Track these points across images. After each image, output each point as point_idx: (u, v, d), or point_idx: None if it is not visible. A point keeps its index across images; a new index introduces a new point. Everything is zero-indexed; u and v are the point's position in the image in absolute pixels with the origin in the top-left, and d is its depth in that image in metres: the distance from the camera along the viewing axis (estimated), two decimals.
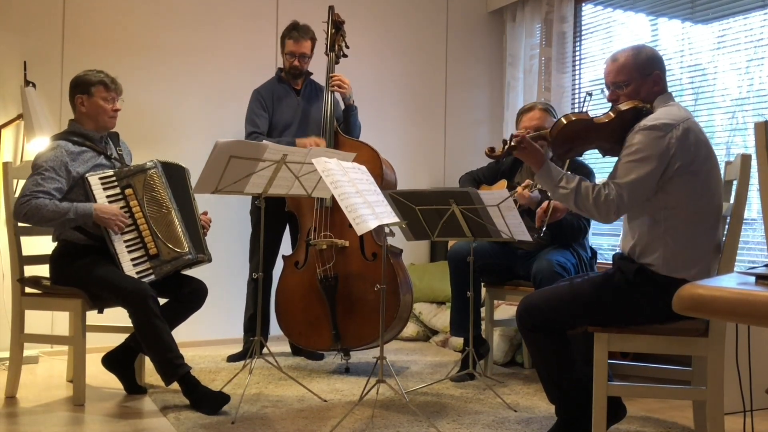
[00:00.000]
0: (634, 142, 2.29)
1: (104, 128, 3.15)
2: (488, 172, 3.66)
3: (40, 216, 2.89)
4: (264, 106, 3.87)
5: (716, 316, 0.98)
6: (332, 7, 3.87)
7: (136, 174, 3.07)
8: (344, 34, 3.88)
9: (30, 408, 2.98)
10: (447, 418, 2.85)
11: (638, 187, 2.27)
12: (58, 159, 2.96)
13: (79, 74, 3.14)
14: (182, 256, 3.06)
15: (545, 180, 2.43)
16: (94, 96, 3.09)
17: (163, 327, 2.89)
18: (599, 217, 2.35)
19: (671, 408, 3.05)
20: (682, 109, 2.39)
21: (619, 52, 2.46)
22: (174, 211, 3.10)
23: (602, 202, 2.29)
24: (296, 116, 3.89)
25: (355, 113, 3.89)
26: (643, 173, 2.26)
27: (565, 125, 2.41)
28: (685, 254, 2.28)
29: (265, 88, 3.95)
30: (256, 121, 3.83)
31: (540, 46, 4.92)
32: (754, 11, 3.72)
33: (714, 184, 2.34)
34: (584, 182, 2.36)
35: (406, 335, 4.53)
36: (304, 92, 3.96)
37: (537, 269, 3.13)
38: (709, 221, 2.32)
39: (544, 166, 2.41)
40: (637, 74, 2.40)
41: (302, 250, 3.66)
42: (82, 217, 2.93)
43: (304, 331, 3.62)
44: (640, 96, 2.40)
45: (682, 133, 2.25)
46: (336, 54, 3.86)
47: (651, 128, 2.27)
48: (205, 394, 2.89)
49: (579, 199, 2.34)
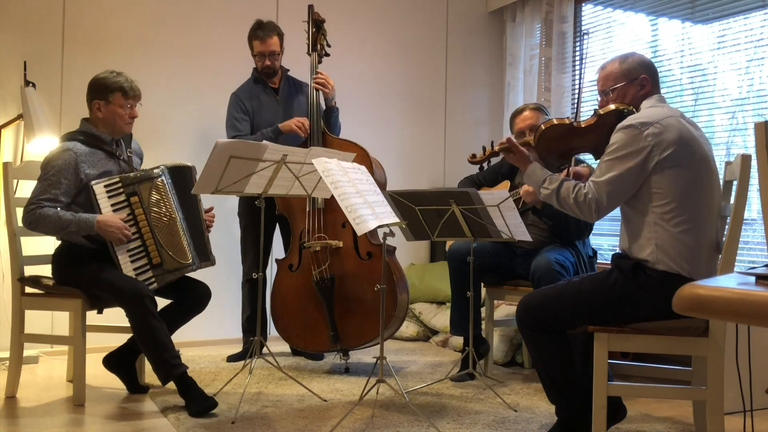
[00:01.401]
0: (613, 141, 2.36)
1: (120, 134, 3.15)
2: (489, 174, 3.66)
3: (44, 225, 2.91)
4: (244, 109, 3.84)
5: (716, 316, 0.98)
6: (311, 6, 3.83)
7: (142, 182, 3.04)
8: (325, 32, 3.83)
9: (30, 408, 2.98)
10: (447, 418, 2.85)
11: (617, 185, 2.33)
12: (66, 162, 2.95)
13: (98, 76, 3.10)
14: (185, 266, 3.07)
15: (531, 181, 2.55)
16: (111, 103, 3.06)
17: (160, 327, 2.88)
18: (582, 216, 2.42)
19: (671, 408, 3.05)
20: (668, 109, 2.43)
21: (608, 62, 2.57)
22: (179, 221, 3.09)
23: (582, 200, 2.37)
24: (277, 115, 3.85)
25: (336, 114, 3.86)
26: (622, 170, 2.31)
27: (544, 131, 2.53)
28: (676, 249, 2.29)
29: (243, 90, 3.90)
30: (237, 126, 3.79)
31: (540, 46, 4.92)
32: (754, 11, 3.72)
33: (703, 180, 2.35)
34: (566, 182, 2.44)
35: (406, 335, 4.54)
36: (282, 90, 3.93)
37: (535, 268, 3.13)
38: (701, 217, 2.33)
39: (529, 167, 2.54)
40: (623, 79, 2.48)
41: (295, 253, 3.65)
42: (85, 229, 2.93)
43: (302, 334, 3.62)
44: (626, 100, 2.48)
45: (658, 130, 2.29)
46: (318, 53, 3.82)
47: (627, 126, 2.33)
48: (195, 396, 2.88)
49: (560, 199, 2.44)
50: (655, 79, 2.50)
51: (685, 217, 2.30)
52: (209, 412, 2.83)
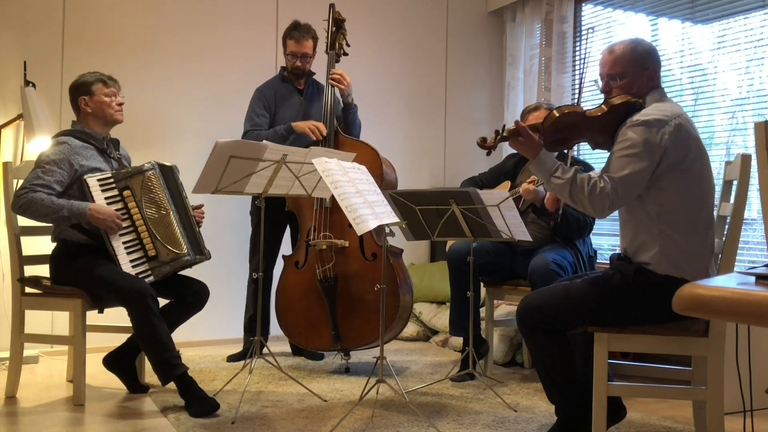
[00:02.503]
0: (627, 138, 2.29)
1: (113, 123, 3.17)
2: (490, 175, 3.66)
3: (35, 209, 2.89)
4: (266, 106, 3.86)
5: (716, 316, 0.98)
6: (333, 5, 3.86)
7: (134, 176, 3.07)
8: (345, 32, 3.86)
9: (30, 408, 2.98)
10: (447, 418, 2.85)
11: (632, 182, 2.28)
12: (61, 153, 2.98)
13: (75, 79, 3.17)
14: (181, 257, 3.06)
15: (540, 169, 2.42)
16: (96, 94, 3.11)
17: (161, 326, 2.89)
18: (593, 211, 2.34)
19: (671, 408, 3.05)
20: (674, 105, 2.40)
21: (617, 44, 2.46)
22: (172, 213, 3.10)
23: (597, 194, 2.29)
24: (298, 116, 3.87)
25: (355, 111, 3.88)
26: (637, 168, 2.26)
27: (557, 117, 2.43)
28: (680, 252, 2.28)
29: (268, 86, 3.94)
30: (256, 120, 3.82)
31: (540, 46, 4.92)
32: (754, 11, 3.72)
33: (706, 182, 2.34)
34: (580, 174, 2.36)
35: (406, 335, 4.54)
36: (306, 92, 3.96)
37: (533, 267, 3.13)
38: (703, 219, 2.32)
39: (539, 155, 2.42)
40: (633, 67, 2.40)
41: (302, 250, 3.66)
42: (77, 215, 2.92)
43: (304, 331, 3.62)
44: (634, 90, 2.40)
45: (674, 129, 2.26)
46: (336, 52, 3.84)
47: (644, 123, 2.27)
48: (196, 397, 2.88)
49: (574, 191, 2.33)
50: (660, 71, 2.45)
51: (690, 221, 2.29)
52: (211, 413, 2.82)
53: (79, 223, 2.98)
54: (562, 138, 2.47)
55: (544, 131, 2.44)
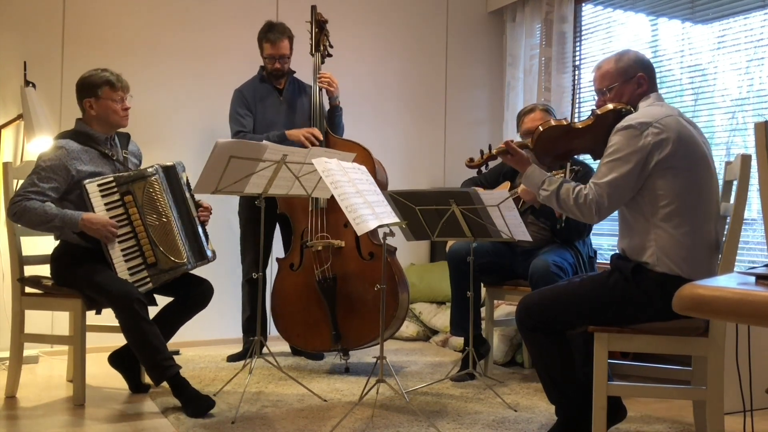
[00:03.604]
0: (612, 143, 2.34)
1: (117, 128, 3.14)
2: (490, 176, 3.67)
3: (28, 218, 2.88)
4: (247, 106, 3.85)
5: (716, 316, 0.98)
6: (314, 6, 3.84)
7: (136, 180, 3.03)
8: (328, 33, 3.85)
9: (30, 408, 2.98)
10: (447, 418, 2.85)
11: (618, 186, 2.31)
12: (58, 159, 2.95)
13: (83, 75, 3.11)
14: (180, 266, 3.04)
15: (529, 183, 2.52)
16: (102, 98, 3.06)
17: (150, 330, 2.86)
18: (583, 217, 2.40)
19: (671, 408, 3.05)
20: (666, 108, 2.40)
21: (603, 60, 2.56)
22: (174, 220, 3.08)
23: (582, 202, 2.34)
24: (279, 115, 3.87)
25: (340, 114, 3.89)
26: (622, 172, 2.29)
27: (542, 132, 2.53)
28: (677, 251, 2.28)
29: (247, 87, 3.91)
30: (241, 121, 3.80)
31: (540, 46, 4.92)
32: (754, 11, 3.72)
33: (703, 181, 2.34)
34: (566, 184, 2.42)
35: (406, 335, 4.54)
36: (287, 91, 3.94)
37: (533, 269, 3.13)
38: (700, 217, 2.32)
39: (528, 169, 2.51)
40: (619, 78, 2.47)
41: (297, 252, 3.65)
42: (69, 225, 2.89)
43: (303, 333, 3.61)
44: (624, 99, 2.46)
45: (658, 130, 2.28)
46: (321, 54, 3.83)
47: (627, 127, 2.32)
48: (191, 397, 2.87)
49: (560, 200, 2.41)
50: (652, 76, 2.48)
51: (685, 218, 2.29)
52: (207, 412, 2.82)
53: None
54: (553, 151, 2.55)
55: (534, 147, 2.54)
